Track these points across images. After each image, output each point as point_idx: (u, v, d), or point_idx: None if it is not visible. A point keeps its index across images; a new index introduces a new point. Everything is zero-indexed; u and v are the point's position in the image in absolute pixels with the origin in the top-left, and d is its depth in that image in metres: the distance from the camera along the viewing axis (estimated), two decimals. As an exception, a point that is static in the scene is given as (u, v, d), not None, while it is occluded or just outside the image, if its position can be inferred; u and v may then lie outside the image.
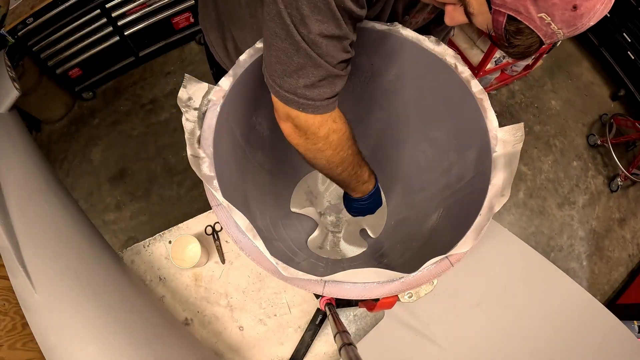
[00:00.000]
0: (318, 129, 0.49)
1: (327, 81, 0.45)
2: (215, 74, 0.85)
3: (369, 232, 0.83)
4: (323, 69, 0.44)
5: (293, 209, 0.85)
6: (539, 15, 0.35)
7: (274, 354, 0.79)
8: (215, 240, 0.86)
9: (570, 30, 0.36)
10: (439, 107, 0.64)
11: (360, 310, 0.83)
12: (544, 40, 0.37)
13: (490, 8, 0.38)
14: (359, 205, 0.70)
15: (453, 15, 0.45)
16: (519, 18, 0.36)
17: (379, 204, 0.73)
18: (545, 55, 2.12)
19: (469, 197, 0.55)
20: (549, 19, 0.35)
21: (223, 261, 0.85)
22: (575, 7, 0.33)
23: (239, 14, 0.64)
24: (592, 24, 0.36)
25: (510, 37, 0.39)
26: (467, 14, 0.42)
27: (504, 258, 0.89)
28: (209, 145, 0.48)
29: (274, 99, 0.48)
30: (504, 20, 0.37)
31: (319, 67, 0.43)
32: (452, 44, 1.88)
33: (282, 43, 0.42)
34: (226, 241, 0.87)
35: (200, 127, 0.49)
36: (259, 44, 0.54)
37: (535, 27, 0.36)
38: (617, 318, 0.83)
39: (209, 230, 0.87)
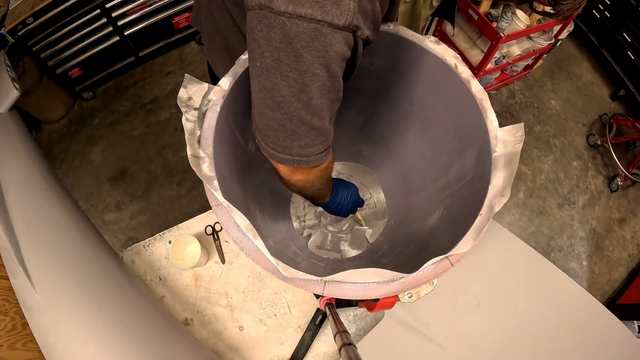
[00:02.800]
0: (319, 165, 0.50)
1: (321, 139, 0.45)
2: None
3: (367, 237, 0.83)
4: (316, 130, 0.43)
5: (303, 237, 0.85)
6: None
7: (274, 354, 0.79)
8: (215, 240, 0.86)
9: None
10: (439, 107, 0.64)
11: (360, 310, 0.83)
12: None
13: None
14: (329, 207, 0.72)
15: None
16: None
17: (349, 208, 0.74)
18: (545, 55, 2.13)
19: (469, 197, 0.55)
20: None
21: (223, 261, 0.85)
22: None
23: (237, 40, 0.65)
24: None
25: None
26: None
27: (504, 258, 0.89)
28: (209, 145, 0.48)
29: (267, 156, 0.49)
30: None
31: (312, 129, 0.43)
32: (452, 44, 1.88)
33: (274, 113, 0.41)
34: (226, 241, 0.87)
35: (200, 127, 0.49)
36: None
37: None
38: (617, 318, 0.83)
39: (209, 230, 0.87)
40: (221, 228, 0.87)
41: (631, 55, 2.01)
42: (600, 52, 2.21)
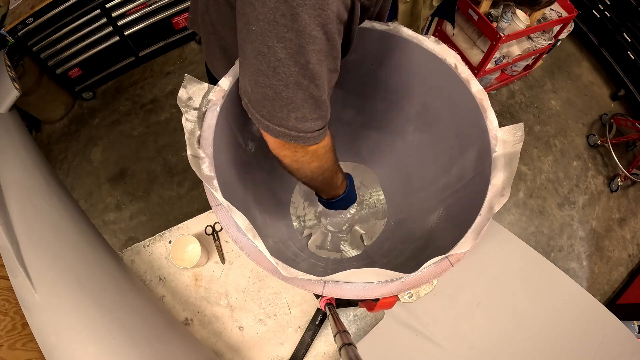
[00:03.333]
0: (309, 147, 0.48)
1: (318, 113, 0.44)
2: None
3: (364, 240, 0.83)
4: (313, 100, 0.42)
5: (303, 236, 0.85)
6: None
7: (274, 354, 0.79)
8: (215, 240, 0.86)
9: None
10: (438, 107, 0.64)
11: (360, 310, 0.83)
12: None
13: None
14: (326, 202, 0.70)
15: None
16: None
17: (348, 204, 0.73)
18: (545, 55, 2.13)
19: (469, 197, 0.55)
20: None
21: (223, 261, 0.85)
22: None
23: (232, 35, 0.63)
24: None
25: None
26: None
27: (504, 258, 0.89)
28: (209, 145, 0.48)
29: (263, 132, 0.46)
30: None
31: (309, 99, 0.41)
32: (452, 44, 1.88)
33: (270, 80, 0.39)
34: (226, 241, 0.87)
35: (200, 127, 0.49)
36: None
37: None
38: (617, 318, 0.83)
39: (209, 230, 0.87)
40: (221, 228, 0.87)
41: (631, 55, 2.01)
42: (600, 52, 2.21)
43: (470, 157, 0.57)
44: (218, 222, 0.72)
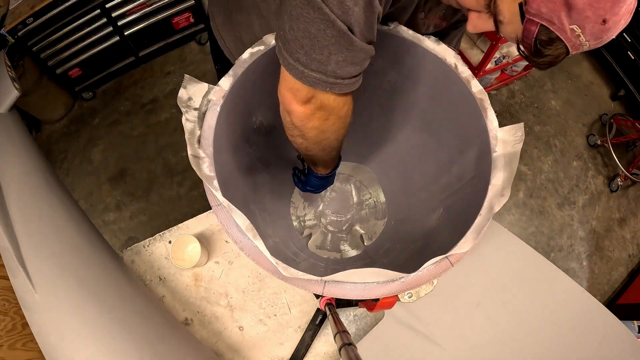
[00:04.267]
0: (342, 108, 0.46)
1: (360, 58, 0.42)
2: (219, 71, 0.82)
3: (364, 240, 0.83)
4: (357, 45, 0.40)
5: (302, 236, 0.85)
6: (571, 27, 0.36)
7: (274, 354, 0.79)
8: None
9: (596, 42, 0.37)
10: (439, 107, 0.64)
11: (360, 310, 0.83)
12: (571, 51, 0.38)
13: (523, 18, 0.38)
14: (316, 181, 0.70)
15: (477, 23, 0.45)
16: (551, 28, 0.37)
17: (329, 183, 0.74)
18: (545, 55, 2.12)
19: (469, 197, 0.55)
20: (580, 30, 0.36)
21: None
22: (604, 21, 0.35)
23: None
24: (613, 37, 0.37)
25: (541, 46, 0.39)
26: (496, 22, 0.41)
27: (504, 258, 0.89)
28: (209, 145, 0.48)
29: (292, 82, 0.43)
30: (536, 30, 0.38)
31: (353, 43, 0.39)
32: (452, 44, 1.88)
33: (314, 13, 0.37)
34: (226, 241, 0.86)
35: (200, 127, 0.49)
36: (257, 47, 0.53)
37: (565, 38, 0.37)
38: (617, 318, 0.83)
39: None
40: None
41: (631, 55, 2.01)
42: (600, 52, 2.21)
43: (470, 157, 0.57)
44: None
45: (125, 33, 1.83)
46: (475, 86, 0.54)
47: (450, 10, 0.56)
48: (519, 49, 0.42)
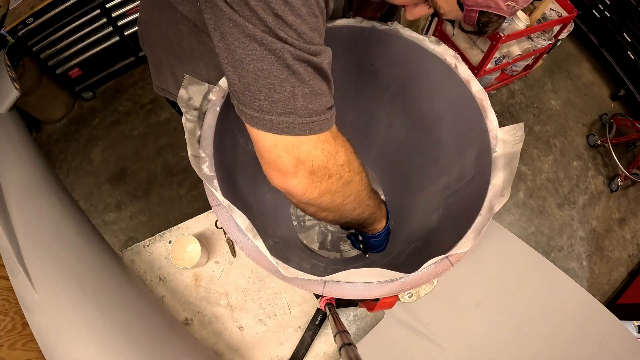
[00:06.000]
0: (337, 154, 0.38)
1: (324, 85, 0.36)
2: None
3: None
4: (313, 66, 0.34)
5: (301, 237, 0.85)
6: (507, 3, 0.42)
7: (274, 354, 0.78)
8: (225, 234, 0.85)
9: (525, 2, 0.43)
10: (438, 107, 0.64)
11: (360, 310, 0.83)
12: (507, 17, 0.44)
13: (462, 9, 0.43)
14: (374, 241, 0.60)
15: (415, 12, 0.48)
16: (490, 11, 0.43)
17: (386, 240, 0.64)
18: (545, 55, 2.13)
19: (469, 197, 0.55)
20: (514, 3, 0.42)
21: (234, 254, 0.85)
22: None
23: (184, 46, 0.60)
24: None
25: (483, 26, 0.45)
26: (436, 12, 0.46)
27: (504, 258, 0.89)
28: (209, 145, 0.48)
29: (268, 151, 0.36)
30: (477, 16, 0.43)
31: (308, 65, 0.34)
32: (452, 44, 1.88)
33: (259, 47, 0.32)
34: (226, 240, 0.86)
35: (200, 127, 0.49)
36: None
37: (503, 13, 0.43)
38: (617, 318, 0.83)
39: (219, 224, 0.86)
40: (221, 228, 0.87)
41: (631, 55, 2.01)
42: (600, 52, 2.22)
43: (470, 157, 0.57)
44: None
45: (125, 33, 1.83)
46: (475, 86, 0.54)
47: (381, 3, 0.58)
48: (461, 28, 0.47)
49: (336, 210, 0.43)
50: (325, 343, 0.79)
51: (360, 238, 0.65)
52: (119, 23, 1.77)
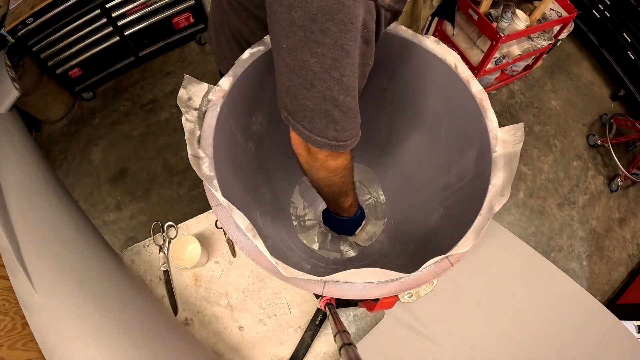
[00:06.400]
0: (336, 160, 0.50)
1: (355, 122, 0.45)
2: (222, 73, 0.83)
3: (360, 241, 0.83)
4: (351, 112, 0.43)
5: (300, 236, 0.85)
6: None
7: (274, 354, 0.79)
8: (225, 234, 0.85)
9: None
10: (438, 107, 0.64)
11: (360, 310, 0.83)
12: None
13: None
14: (333, 218, 0.72)
15: None
16: None
17: (345, 230, 0.76)
18: (545, 55, 2.13)
19: (469, 197, 0.55)
20: None
21: (234, 254, 0.85)
22: None
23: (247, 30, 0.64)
24: None
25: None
26: None
27: (504, 258, 0.89)
28: (209, 145, 0.48)
29: (302, 143, 0.48)
30: None
31: (347, 112, 0.43)
32: (452, 44, 1.88)
33: (308, 92, 0.40)
34: (227, 240, 0.86)
35: (200, 127, 0.49)
36: (256, 47, 0.53)
37: None
38: (617, 318, 0.83)
39: (219, 224, 0.86)
40: (221, 228, 0.87)
41: (631, 55, 2.01)
42: (600, 52, 2.21)
43: (470, 157, 0.57)
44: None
45: (125, 33, 1.83)
46: (475, 86, 0.54)
47: None
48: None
49: (327, 189, 0.57)
50: (325, 343, 0.79)
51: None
52: (119, 23, 1.77)
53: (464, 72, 0.55)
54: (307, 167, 0.52)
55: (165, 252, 0.85)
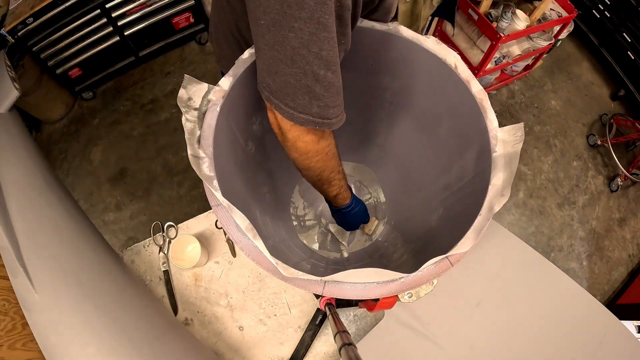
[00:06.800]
0: (317, 142, 0.50)
1: (338, 99, 0.45)
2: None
3: (364, 240, 0.83)
4: (333, 88, 0.43)
5: (300, 236, 0.85)
6: None
7: (274, 354, 0.78)
8: (225, 234, 0.85)
9: None
10: (439, 107, 0.64)
11: (360, 310, 0.83)
12: None
13: None
14: (334, 210, 0.72)
15: None
16: None
17: (350, 223, 0.75)
18: (545, 55, 2.13)
19: (469, 197, 0.55)
20: None
21: (234, 254, 0.85)
22: None
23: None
24: None
25: None
26: None
27: (504, 258, 0.89)
28: (209, 145, 0.48)
29: (285, 122, 0.47)
30: None
31: (329, 87, 0.43)
32: (452, 44, 1.88)
33: (289, 68, 0.40)
34: (227, 240, 0.86)
35: (200, 127, 0.49)
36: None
37: None
38: (617, 318, 0.83)
39: (219, 224, 0.86)
40: (221, 228, 0.87)
41: (631, 55, 2.01)
42: (600, 52, 2.21)
43: (470, 157, 0.57)
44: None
45: (125, 33, 1.83)
46: (475, 86, 0.54)
47: None
48: None
49: (316, 177, 0.58)
50: (325, 343, 0.79)
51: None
52: (119, 23, 1.77)
53: (464, 72, 0.55)
54: (283, 147, 0.53)
55: (165, 252, 0.85)
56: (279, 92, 0.43)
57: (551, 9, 1.77)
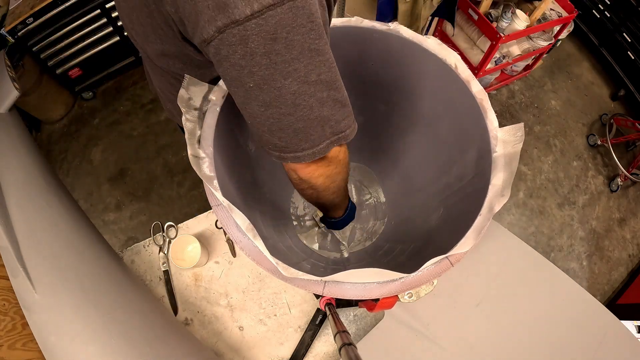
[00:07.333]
0: (338, 153, 0.47)
1: (347, 110, 0.42)
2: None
3: (364, 240, 0.83)
4: (339, 103, 0.40)
5: (300, 236, 0.85)
6: None
7: (274, 354, 0.78)
8: (225, 234, 0.85)
9: None
10: (439, 107, 0.64)
11: (360, 310, 0.83)
12: None
13: None
14: (333, 221, 0.71)
15: None
16: None
17: (349, 220, 0.74)
18: (545, 55, 2.13)
19: (469, 197, 0.55)
20: None
21: (234, 254, 0.85)
22: None
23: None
24: None
25: None
26: None
27: (504, 258, 0.89)
28: (209, 145, 0.48)
29: (304, 164, 0.44)
30: None
31: (335, 105, 0.39)
32: (452, 44, 1.88)
33: (294, 114, 0.37)
34: (227, 240, 0.86)
35: (200, 127, 0.49)
36: None
37: None
38: (617, 318, 0.83)
39: (219, 224, 0.86)
40: (221, 228, 0.87)
41: (631, 55, 2.01)
42: (600, 52, 2.22)
43: (470, 157, 0.57)
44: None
45: (125, 33, 1.83)
46: (476, 86, 0.54)
47: None
48: None
49: (323, 190, 0.53)
50: (325, 343, 0.79)
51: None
52: (119, 23, 1.77)
53: (464, 72, 0.55)
54: (325, 177, 0.50)
55: (165, 252, 0.85)
56: (290, 144, 0.40)
57: (551, 9, 1.77)
